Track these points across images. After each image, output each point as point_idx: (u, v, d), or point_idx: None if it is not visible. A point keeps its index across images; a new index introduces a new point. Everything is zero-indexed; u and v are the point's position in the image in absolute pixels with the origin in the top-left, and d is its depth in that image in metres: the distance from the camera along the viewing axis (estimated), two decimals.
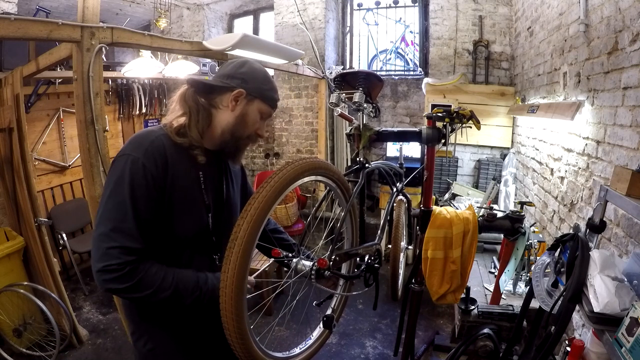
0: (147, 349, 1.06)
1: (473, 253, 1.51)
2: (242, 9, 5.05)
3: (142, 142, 0.93)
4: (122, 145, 0.95)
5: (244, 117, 1.02)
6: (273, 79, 1.09)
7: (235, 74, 1.02)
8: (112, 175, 0.92)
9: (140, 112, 4.57)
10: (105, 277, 0.86)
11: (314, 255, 1.21)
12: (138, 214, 0.89)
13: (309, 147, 4.54)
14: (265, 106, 1.05)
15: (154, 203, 0.92)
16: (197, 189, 1.02)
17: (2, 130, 2.42)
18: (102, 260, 0.86)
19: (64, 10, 4.02)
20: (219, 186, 1.10)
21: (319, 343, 1.18)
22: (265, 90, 1.04)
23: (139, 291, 0.89)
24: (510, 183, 3.20)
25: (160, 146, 0.94)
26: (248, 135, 1.06)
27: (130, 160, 0.90)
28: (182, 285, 0.93)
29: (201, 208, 1.04)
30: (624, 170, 1.18)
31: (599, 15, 1.71)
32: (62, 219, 3.58)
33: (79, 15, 1.51)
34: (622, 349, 0.89)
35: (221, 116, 1.02)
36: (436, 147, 1.49)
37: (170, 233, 0.97)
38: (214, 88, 1.02)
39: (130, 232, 0.88)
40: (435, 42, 3.90)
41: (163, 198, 0.94)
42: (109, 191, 0.90)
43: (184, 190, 0.98)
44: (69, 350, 2.56)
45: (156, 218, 0.93)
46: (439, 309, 3.04)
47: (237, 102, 1.01)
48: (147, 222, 0.91)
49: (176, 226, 0.97)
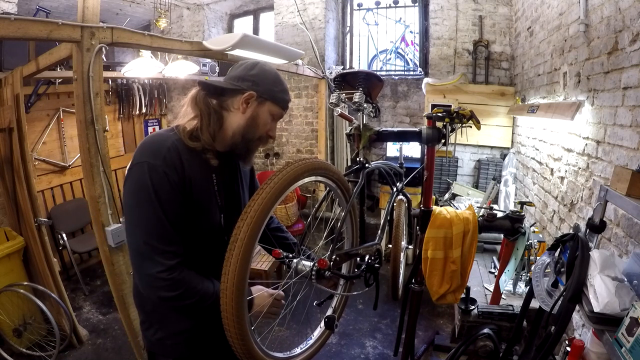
0: (156, 338, 1.08)
1: (473, 253, 1.51)
2: (242, 9, 5.05)
3: (160, 149, 0.94)
4: (136, 152, 0.96)
5: (255, 119, 1.03)
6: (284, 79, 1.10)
7: (246, 76, 1.02)
8: (134, 184, 0.93)
9: (140, 112, 4.57)
10: (158, 284, 0.92)
11: (314, 255, 1.21)
12: (169, 218, 0.92)
13: (309, 147, 4.54)
14: (276, 108, 1.06)
15: (179, 206, 0.95)
16: (211, 190, 1.05)
17: (2, 130, 2.42)
18: (148, 268, 0.91)
19: (64, 10, 4.02)
20: (231, 187, 1.13)
21: (320, 343, 1.18)
22: (276, 92, 1.05)
23: (186, 298, 0.94)
24: (510, 183, 3.20)
25: (176, 152, 0.96)
26: (259, 137, 1.07)
27: (151, 168, 0.91)
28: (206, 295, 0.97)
29: (215, 209, 1.06)
30: (624, 170, 1.18)
31: (599, 15, 1.71)
32: (62, 219, 3.57)
33: (79, 15, 1.51)
34: (622, 349, 0.89)
35: (232, 118, 1.03)
36: (436, 147, 1.49)
37: (187, 233, 0.99)
38: (225, 90, 1.03)
39: (167, 235, 0.92)
40: (435, 42, 3.90)
41: (184, 201, 0.96)
42: (135, 201, 0.93)
43: (199, 193, 1.00)
44: (69, 350, 2.56)
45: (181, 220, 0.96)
46: (439, 309, 3.04)
47: (248, 104, 1.02)
48: (176, 225, 0.94)
49: (192, 227, 1.00)
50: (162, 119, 5.07)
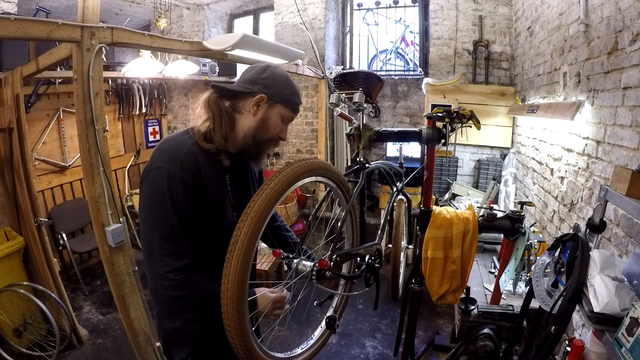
0: (173, 327, 1.12)
1: (473, 253, 1.51)
2: (242, 9, 5.05)
3: (178, 155, 0.98)
4: (154, 155, 1.01)
5: (266, 121, 1.06)
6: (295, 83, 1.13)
7: (257, 80, 1.05)
8: (151, 188, 0.98)
9: (140, 112, 4.57)
10: (168, 283, 0.97)
11: (314, 256, 1.21)
12: (181, 222, 0.97)
13: (309, 147, 4.54)
14: (286, 110, 1.09)
15: (191, 209, 1.00)
16: (225, 191, 1.10)
17: (2, 130, 2.42)
18: (160, 267, 0.96)
19: (64, 10, 4.02)
20: (243, 186, 1.18)
21: (320, 343, 1.18)
22: (286, 95, 1.07)
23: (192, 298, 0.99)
24: (510, 183, 3.21)
25: (193, 157, 1.00)
26: (269, 139, 1.10)
27: (169, 175, 0.96)
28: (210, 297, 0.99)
29: (228, 208, 1.11)
30: (624, 170, 1.18)
31: (599, 15, 1.71)
32: (62, 219, 3.57)
33: (79, 15, 1.51)
34: (622, 349, 0.89)
35: (243, 120, 1.06)
36: (436, 147, 1.49)
37: (202, 232, 1.04)
38: (237, 93, 1.06)
39: (177, 238, 0.97)
40: (435, 42, 3.90)
41: (198, 203, 1.01)
42: (150, 203, 0.98)
43: (214, 194, 1.05)
44: (69, 350, 2.56)
45: (193, 221, 1.01)
46: (439, 309, 3.04)
47: (258, 107, 1.05)
48: (187, 227, 0.99)
49: (207, 226, 1.04)
50: (162, 119, 5.07)
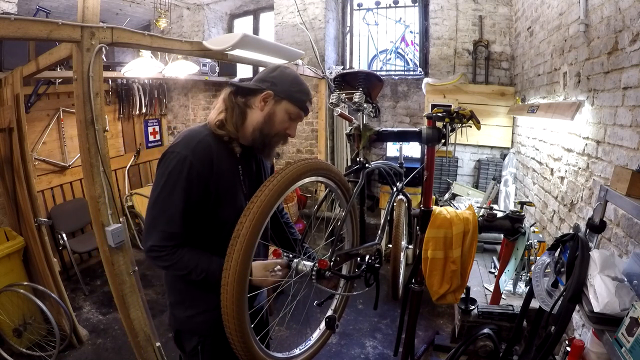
0: (186, 315, 1.16)
1: (473, 253, 1.51)
2: (242, 9, 5.05)
3: (191, 141, 1.07)
4: (174, 140, 1.11)
5: (272, 116, 1.13)
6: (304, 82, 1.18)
7: (266, 78, 1.14)
8: (162, 169, 1.06)
9: (140, 112, 4.56)
10: (151, 254, 1.04)
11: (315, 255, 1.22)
12: (180, 204, 1.03)
13: (309, 147, 4.54)
14: (292, 107, 1.14)
15: (196, 195, 1.05)
16: (237, 180, 1.16)
17: (2, 130, 2.42)
18: (147, 240, 1.04)
19: (64, 10, 4.02)
20: (255, 177, 1.24)
21: (320, 344, 1.18)
22: (293, 92, 1.13)
23: (176, 270, 1.06)
24: (510, 183, 3.21)
25: (207, 145, 1.07)
26: (276, 134, 1.16)
27: (179, 158, 1.03)
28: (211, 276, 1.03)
29: (240, 196, 1.16)
30: (624, 170, 1.18)
31: (599, 15, 1.71)
32: (62, 219, 3.57)
33: (79, 15, 1.51)
34: (622, 349, 0.89)
35: (253, 115, 1.14)
36: (436, 147, 1.49)
37: (215, 218, 1.10)
38: (250, 90, 1.14)
39: (172, 218, 1.03)
40: (435, 42, 3.90)
41: (208, 190, 1.07)
42: (160, 182, 1.05)
43: (227, 182, 1.11)
44: (69, 350, 2.56)
45: (200, 207, 1.06)
46: (439, 309, 3.04)
47: (265, 102, 1.13)
48: (188, 211, 1.04)
49: (220, 212, 1.10)
50: (162, 119, 5.06)
